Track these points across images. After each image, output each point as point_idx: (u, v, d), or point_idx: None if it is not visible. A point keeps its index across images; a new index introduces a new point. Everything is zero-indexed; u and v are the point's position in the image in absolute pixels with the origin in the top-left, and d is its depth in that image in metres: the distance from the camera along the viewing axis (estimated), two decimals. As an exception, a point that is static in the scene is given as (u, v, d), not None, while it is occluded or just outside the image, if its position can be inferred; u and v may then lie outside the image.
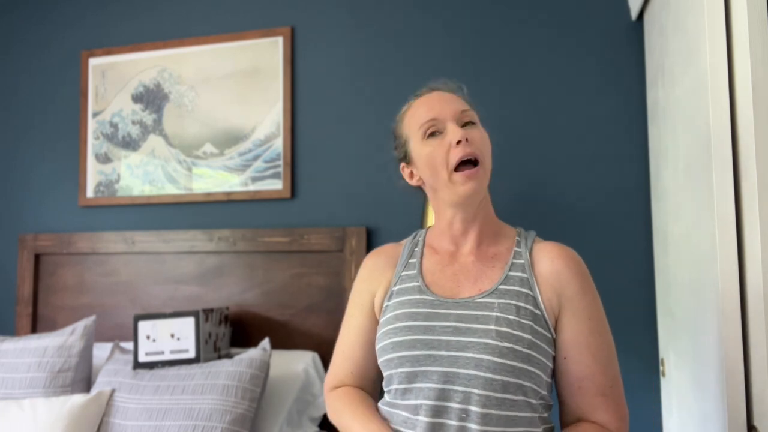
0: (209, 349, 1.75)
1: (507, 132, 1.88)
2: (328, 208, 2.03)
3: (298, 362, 1.82)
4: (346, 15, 2.07)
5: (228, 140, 2.13)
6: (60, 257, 2.25)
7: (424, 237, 1.11)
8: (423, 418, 0.92)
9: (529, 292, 0.96)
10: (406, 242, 1.12)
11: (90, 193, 2.26)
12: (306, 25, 2.11)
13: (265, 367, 1.61)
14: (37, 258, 2.27)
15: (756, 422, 1.04)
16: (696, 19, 1.20)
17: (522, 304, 0.94)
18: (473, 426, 0.89)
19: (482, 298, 0.96)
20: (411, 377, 0.94)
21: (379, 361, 1.00)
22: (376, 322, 1.06)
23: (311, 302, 1.98)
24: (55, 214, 2.32)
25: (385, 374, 1.00)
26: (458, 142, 0.97)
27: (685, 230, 1.34)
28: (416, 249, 1.09)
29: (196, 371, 1.62)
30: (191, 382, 1.59)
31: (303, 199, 2.06)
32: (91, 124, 2.29)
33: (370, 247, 1.97)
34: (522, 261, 0.99)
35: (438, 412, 0.91)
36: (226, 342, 1.88)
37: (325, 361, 1.94)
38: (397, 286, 1.04)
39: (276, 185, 2.06)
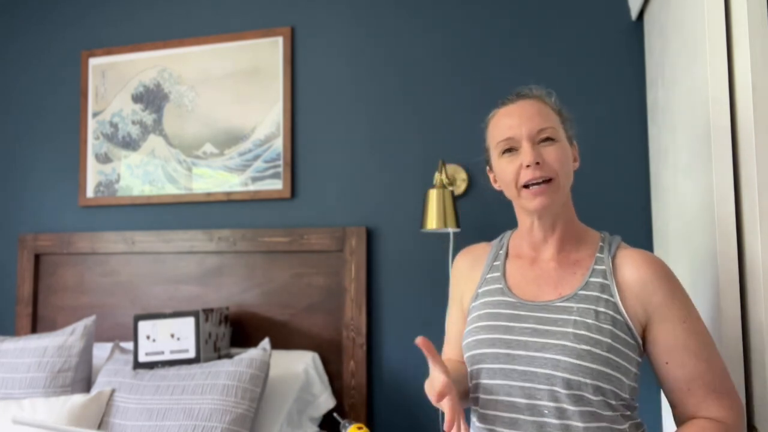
0: (209, 349, 1.75)
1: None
2: (328, 208, 2.03)
3: (298, 362, 1.82)
4: (346, 15, 2.07)
5: (228, 140, 2.13)
6: (60, 257, 2.25)
7: (508, 240, 1.14)
8: (502, 414, 0.96)
9: (610, 298, 0.97)
10: (494, 244, 1.16)
11: (90, 193, 2.26)
12: (306, 25, 2.11)
13: (265, 367, 1.61)
14: (37, 258, 2.27)
15: (756, 422, 1.04)
16: (696, 19, 1.20)
17: (602, 309, 0.96)
18: (552, 420, 0.92)
19: (562, 302, 0.99)
20: (491, 374, 0.98)
21: (464, 357, 1.05)
22: (465, 318, 1.12)
23: (311, 302, 1.98)
24: (55, 214, 2.32)
25: (468, 370, 1.04)
26: (528, 166, 0.99)
27: (685, 230, 1.34)
28: (501, 252, 1.12)
29: (196, 371, 1.62)
30: (191, 382, 1.59)
31: (303, 199, 2.06)
32: (91, 124, 2.29)
33: (370, 247, 1.97)
34: (603, 267, 1.01)
35: (516, 408, 0.96)
36: (226, 342, 1.88)
37: (325, 361, 1.94)
38: (482, 288, 1.08)
39: (276, 185, 2.06)
